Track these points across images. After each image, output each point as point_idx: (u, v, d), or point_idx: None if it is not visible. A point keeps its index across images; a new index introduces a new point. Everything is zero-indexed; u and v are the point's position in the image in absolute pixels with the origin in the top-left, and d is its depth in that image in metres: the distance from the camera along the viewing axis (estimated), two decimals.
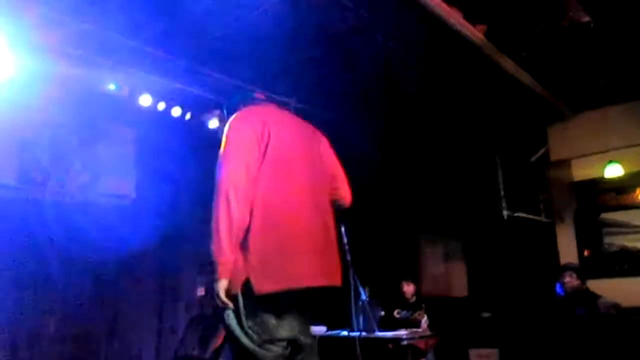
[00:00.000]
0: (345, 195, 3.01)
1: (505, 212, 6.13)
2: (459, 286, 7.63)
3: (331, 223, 2.77)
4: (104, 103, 5.69)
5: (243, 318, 2.45)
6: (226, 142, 2.55)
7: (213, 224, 2.41)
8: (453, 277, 7.68)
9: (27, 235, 5.54)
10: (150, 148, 6.55)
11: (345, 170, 3.09)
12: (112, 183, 6.39)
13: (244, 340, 2.45)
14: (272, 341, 2.49)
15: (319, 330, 5.73)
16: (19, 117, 5.62)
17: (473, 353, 4.38)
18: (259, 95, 3.02)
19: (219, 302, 2.43)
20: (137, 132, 6.54)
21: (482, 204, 6.76)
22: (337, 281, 2.69)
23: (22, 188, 5.64)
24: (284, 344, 2.55)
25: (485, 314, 6.60)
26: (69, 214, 5.90)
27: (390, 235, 7.78)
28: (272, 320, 2.50)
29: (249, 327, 2.45)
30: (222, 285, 2.40)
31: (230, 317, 2.47)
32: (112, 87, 4.57)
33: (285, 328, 2.54)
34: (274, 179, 2.54)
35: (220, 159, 2.52)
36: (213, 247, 2.40)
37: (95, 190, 6.22)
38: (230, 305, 2.43)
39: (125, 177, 6.51)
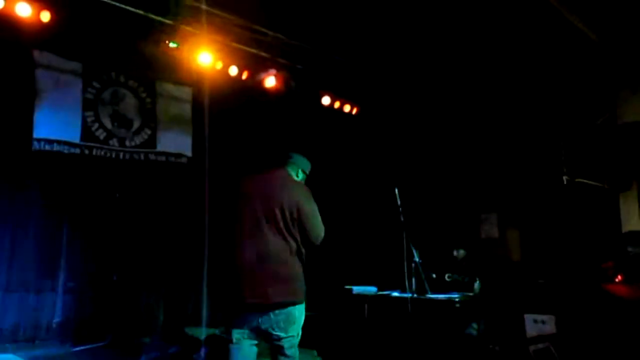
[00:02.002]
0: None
1: (564, 178, 5.91)
2: (514, 252, 7.49)
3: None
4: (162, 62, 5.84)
5: None
6: None
7: None
8: (508, 243, 7.55)
9: (89, 189, 5.78)
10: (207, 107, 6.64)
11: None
12: (169, 142, 6.53)
13: None
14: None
15: (369, 290, 5.76)
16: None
17: (529, 318, 4.33)
18: None
19: None
20: (195, 90, 6.60)
21: (542, 169, 6.55)
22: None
23: (86, 145, 5.85)
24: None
25: (540, 281, 6.48)
26: (130, 170, 6.12)
27: (447, 202, 7.68)
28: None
29: None
30: None
31: None
32: (172, 45, 4.60)
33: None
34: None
35: None
36: None
37: (154, 148, 6.37)
38: None
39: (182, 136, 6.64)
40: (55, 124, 5.63)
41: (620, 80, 6.34)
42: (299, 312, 3.17)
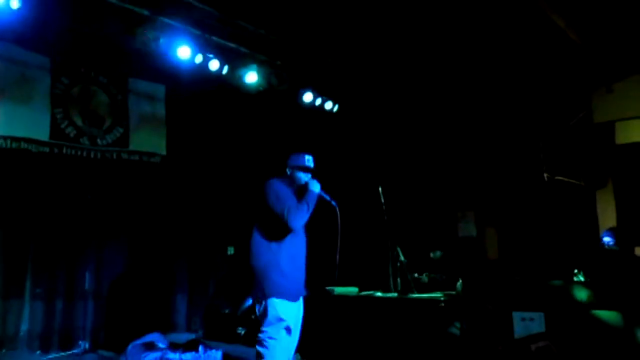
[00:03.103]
0: None
1: (545, 175, 5.95)
2: (491, 250, 7.52)
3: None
4: (135, 58, 5.61)
5: None
6: None
7: None
8: (485, 241, 7.57)
9: (59, 190, 5.50)
10: (182, 104, 6.44)
11: None
12: (142, 140, 6.30)
13: None
14: None
15: (351, 290, 5.67)
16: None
17: (516, 316, 4.29)
18: None
19: None
20: (169, 88, 6.39)
21: (521, 167, 6.58)
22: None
23: (55, 143, 5.56)
24: None
25: (517, 278, 6.51)
26: (101, 170, 5.86)
27: (426, 200, 7.66)
28: None
29: None
30: None
31: None
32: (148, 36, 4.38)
33: None
34: None
35: None
36: None
37: (126, 147, 6.13)
38: None
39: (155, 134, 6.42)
40: (21, 121, 5.33)
41: (595, 80, 6.44)
42: (270, 308, 3.35)
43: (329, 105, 6.39)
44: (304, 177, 3.84)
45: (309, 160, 3.94)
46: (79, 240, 5.61)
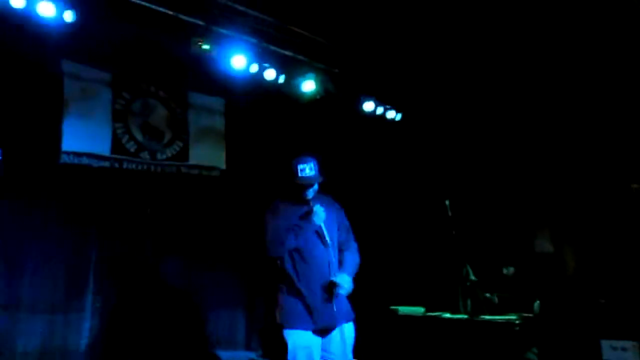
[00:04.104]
0: None
1: (634, 187, 5.38)
2: (569, 268, 6.93)
3: None
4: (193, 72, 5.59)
5: None
6: None
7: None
8: (564, 258, 6.99)
9: (119, 204, 5.50)
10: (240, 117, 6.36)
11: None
12: (202, 154, 6.25)
13: None
14: None
15: (417, 310, 5.35)
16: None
17: (605, 344, 3.80)
18: None
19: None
20: (227, 101, 6.33)
21: (601, 176, 6.02)
22: None
23: (115, 158, 5.59)
24: None
25: (602, 300, 5.93)
26: (161, 184, 5.85)
27: (497, 215, 7.19)
28: None
29: None
30: None
31: None
32: (204, 47, 4.31)
33: None
34: None
35: None
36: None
37: (186, 161, 6.10)
38: None
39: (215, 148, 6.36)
40: (83, 136, 5.38)
41: None
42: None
43: (391, 114, 6.12)
44: (306, 193, 3.36)
45: (302, 171, 3.35)
46: (140, 253, 5.56)
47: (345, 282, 3.24)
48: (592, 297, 5.79)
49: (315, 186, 3.37)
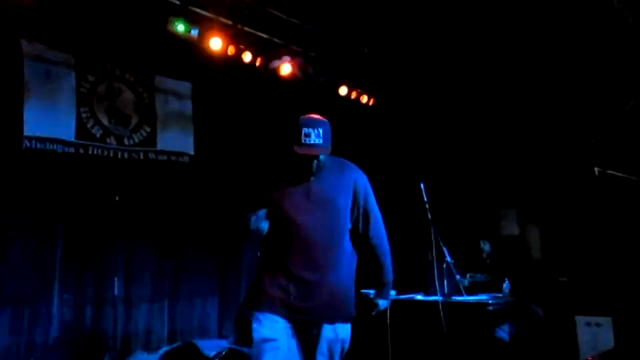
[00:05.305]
0: None
1: (596, 169, 5.55)
2: (534, 249, 7.15)
3: None
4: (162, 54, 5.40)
5: None
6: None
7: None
8: (528, 240, 7.20)
9: (86, 191, 5.30)
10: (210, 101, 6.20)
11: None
12: (170, 140, 6.08)
13: None
14: None
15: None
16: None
17: (581, 320, 3.91)
18: None
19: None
20: (195, 85, 6.16)
21: (568, 161, 6.20)
22: None
23: (81, 143, 5.37)
24: None
25: (562, 278, 6.14)
26: (129, 170, 5.66)
27: (467, 197, 7.31)
28: None
29: None
30: None
31: None
32: (180, 27, 4.14)
33: None
34: None
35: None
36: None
37: (154, 147, 5.92)
38: None
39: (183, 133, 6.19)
40: (47, 120, 5.13)
41: None
42: None
43: (364, 98, 6.10)
44: (307, 166, 2.74)
45: (307, 137, 2.65)
46: (107, 242, 5.39)
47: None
48: (554, 276, 6.00)
49: (322, 157, 2.76)
